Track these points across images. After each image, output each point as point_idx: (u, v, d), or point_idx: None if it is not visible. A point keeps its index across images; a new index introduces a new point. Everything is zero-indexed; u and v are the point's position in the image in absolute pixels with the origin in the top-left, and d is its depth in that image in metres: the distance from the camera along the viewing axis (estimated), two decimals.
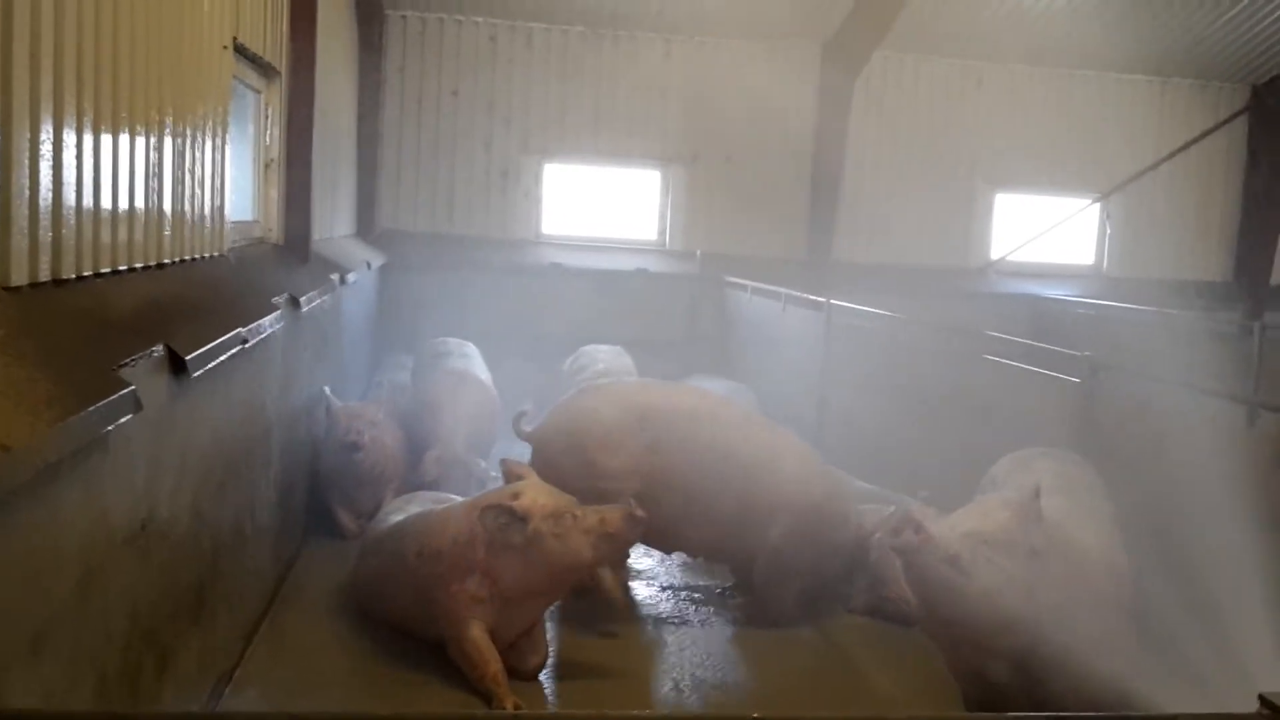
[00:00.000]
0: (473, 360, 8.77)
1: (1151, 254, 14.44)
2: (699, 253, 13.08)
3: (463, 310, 11.68)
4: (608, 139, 13.06)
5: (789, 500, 5.97)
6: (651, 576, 6.76)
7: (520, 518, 4.98)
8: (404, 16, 12.57)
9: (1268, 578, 4.20)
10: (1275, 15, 12.86)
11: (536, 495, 5.11)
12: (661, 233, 13.46)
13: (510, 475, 5.39)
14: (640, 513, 5.06)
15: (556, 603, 5.45)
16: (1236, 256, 14.61)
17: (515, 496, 5.09)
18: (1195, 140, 14.32)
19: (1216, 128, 14.38)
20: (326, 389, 7.45)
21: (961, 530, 4.19)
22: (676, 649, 5.69)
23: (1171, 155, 14.29)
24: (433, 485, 7.26)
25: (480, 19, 12.67)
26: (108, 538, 3.08)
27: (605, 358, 8.26)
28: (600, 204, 13.36)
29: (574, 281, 12.31)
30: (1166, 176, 14.35)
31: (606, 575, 5.90)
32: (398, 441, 7.62)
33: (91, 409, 2.71)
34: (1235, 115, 14.43)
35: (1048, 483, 5.06)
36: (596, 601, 6.02)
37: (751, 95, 12.97)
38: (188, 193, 4.65)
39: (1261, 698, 1.61)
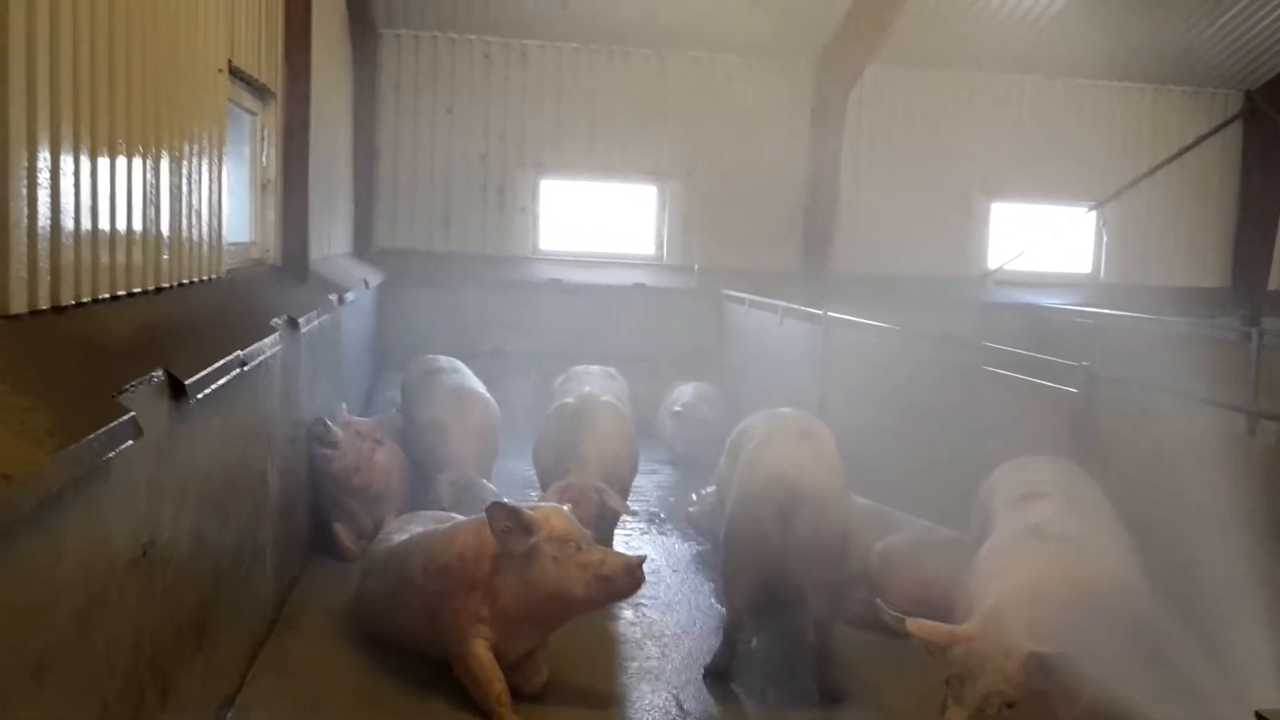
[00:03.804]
0: (465, 375, 8.72)
1: (1148, 261, 14.49)
2: (696, 267, 13.12)
3: (461, 327, 11.74)
4: (604, 154, 13.11)
5: None
6: (653, 593, 6.75)
7: (525, 525, 4.99)
8: (398, 35, 12.62)
9: (1267, 590, 4.19)
10: (1268, 21, 12.94)
11: (551, 515, 5.12)
12: (659, 247, 13.50)
13: None
14: (640, 573, 5.00)
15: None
16: (1233, 262, 14.65)
17: (534, 510, 5.13)
18: (1190, 147, 14.37)
19: (1211, 134, 14.44)
20: (344, 405, 7.42)
21: (979, 694, 3.92)
22: (678, 666, 5.68)
23: (1166, 162, 14.34)
24: (446, 509, 7.22)
25: (474, 36, 12.72)
26: (109, 564, 3.08)
27: (595, 379, 8.19)
28: (597, 219, 13.41)
29: (572, 297, 12.34)
30: (1162, 183, 14.41)
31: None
32: (397, 460, 7.58)
33: (92, 436, 2.71)
34: (1229, 121, 14.49)
35: (1045, 482, 5.05)
36: (597, 620, 6.01)
37: (746, 110, 13.05)
38: (185, 216, 4.67)
39: (1258, 714, 1.61)
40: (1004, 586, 4.29)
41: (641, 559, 5.07)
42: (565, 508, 5.37)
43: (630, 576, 4.97)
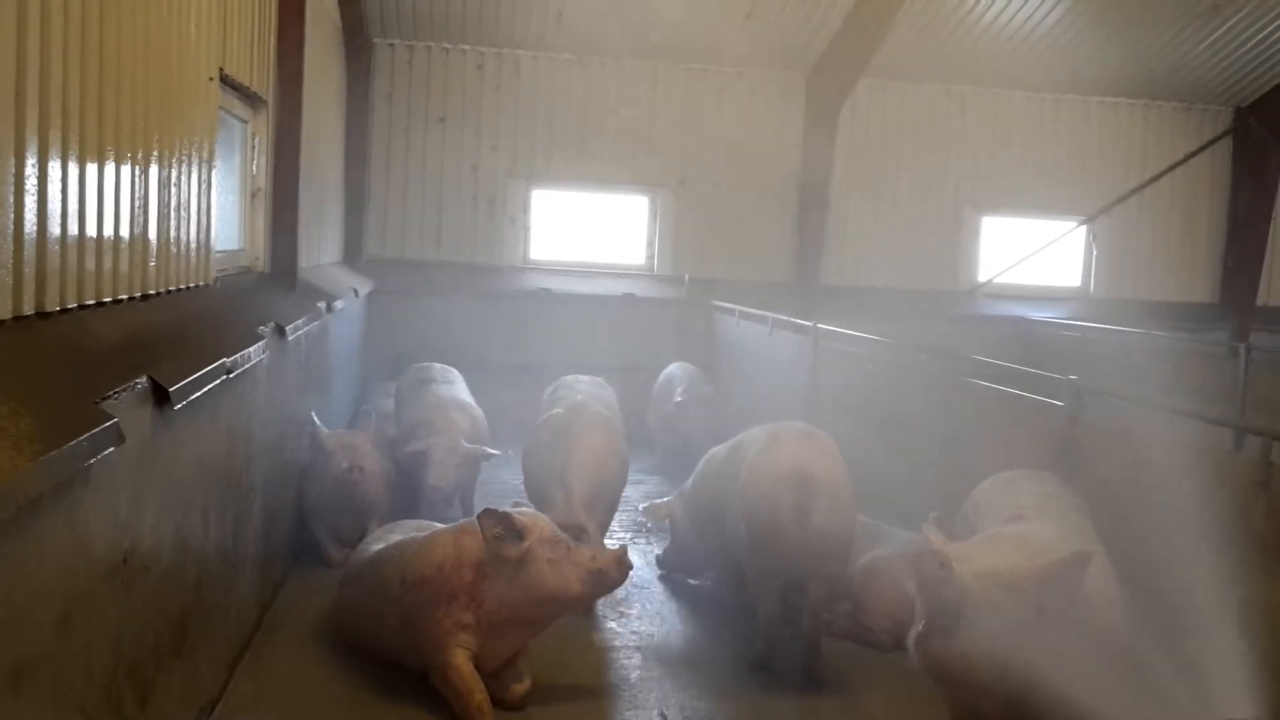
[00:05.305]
0: (457, 385, 8.74)
1: (1138, 276, 14.56)
2: (687, 277, 13.14)
3: (450, 337, 11.74)
4: (595, 165, 13.14)
5: None
6: (639, 603, 6.74)
7: (517, 531, 5.04)
8: (391, 45, 12.64)
9: (1246, 603, 4.20)
10: (1257, 38, 13.01)
11: (538, 519, 5.23)
12: (649, 258, 13.52)
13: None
14: (629, 560, 5.21)
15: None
16: (1222, 278, 14.72)
17: (521, 515, 5.20)
18: (1180, 163, 14.44)
19: (1201, 150, 14.51)
20: (314, 415, 7.42)
21: (976, 568, 4.12)
22: (663, 676, 5.68)
23: (1156, 178, 14.40)
24: (428, 467, 7.48)
25: (468, 47, 12.75)
26: (89, 571, 3.08)
27: (585, 389, 8.12)
28: (588, 229, 13.43)
29: (562, 307, 12.35)
30: (1152, 199, 14.47)
31: None
32: (383, 470, 7.59)
33: (73, 443, 2.71)
34: (1219, 137, 14.56)
35: (1034, 506, 5.07)
36: (581, 629, 6.01)
37: (738, 121, 13.11)
38: (173, 223, 4.67)
39: None
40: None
41: (625, 549, 5.28)
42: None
43: (620, 567, 5.18)
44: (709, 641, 6.21)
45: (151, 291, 4.36)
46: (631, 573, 5.31)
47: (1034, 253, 14.28)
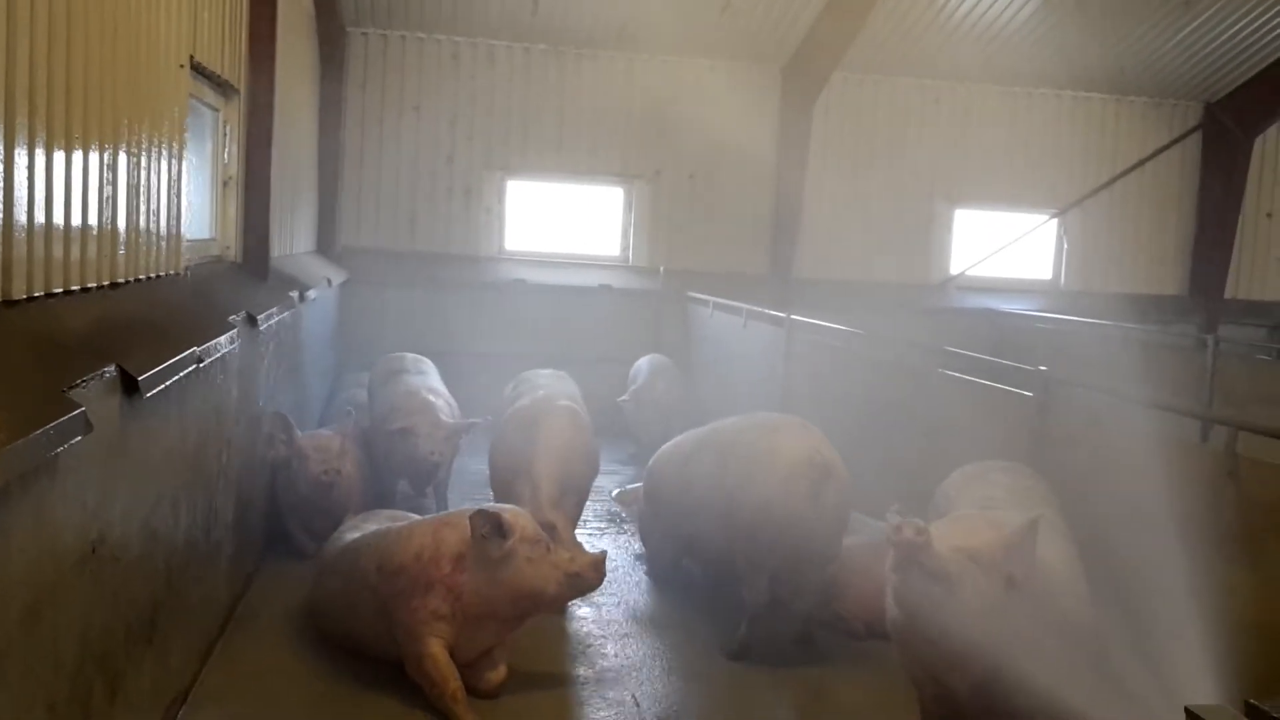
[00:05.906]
0: (430, 375, 8.70)
1: (1108, 268, 14.67)
2: (662, 269, 13.15)
3: (425, 327, 11.70)
4: (570, 155, 13.12)
5: None
6: (612, 591, 6.76)
7: (504, 531, 5.05)
8: (365, 34, 12.57)
9: (1212, 591, 4.26)
10: (1227, 34, 13.13)
11: (520, 517, 5.22)
12: (624, 249, 13.52)
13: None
14: (604, 568, 5.27)
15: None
16: (1191, 271, 14.86)
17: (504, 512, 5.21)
18: (1150, 157, 14.56)
19: (1171, 144, 14.63)
20: (288, 417, 7.35)
21: (949, 544, 4.20)
22: (637, 664, 5.69)
23: (1127, 172, 14.52)
24: (418, 440, 7.51)
25: (442, 36, 12.69)
26: (57, 562, 3.05)
27: (546, 382, 8.05)
28: (563, 220, 13.41)
29: (537, 298, 12.33)
30: (1122, 192, 14.59)
31: None
32: (359, 466, 7.56)
33: (40, 432, 2.68)
34: (1189, 132, 14.69)
35: (1003, 498, 5.11)
36: (555, 617, 6.02)
37: (713, 113, 13.09)
38: (143, 211, 4.63)
39: (1187, 710, 1.66)
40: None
41: (604, 555, 5.29)
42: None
43: (597, 571, 5.21)
44: (682, 629, 6.23)
45: (120, 280, 4.33)
46: (605, 561, 5.32)
47: (1006, 245, 14.37)
